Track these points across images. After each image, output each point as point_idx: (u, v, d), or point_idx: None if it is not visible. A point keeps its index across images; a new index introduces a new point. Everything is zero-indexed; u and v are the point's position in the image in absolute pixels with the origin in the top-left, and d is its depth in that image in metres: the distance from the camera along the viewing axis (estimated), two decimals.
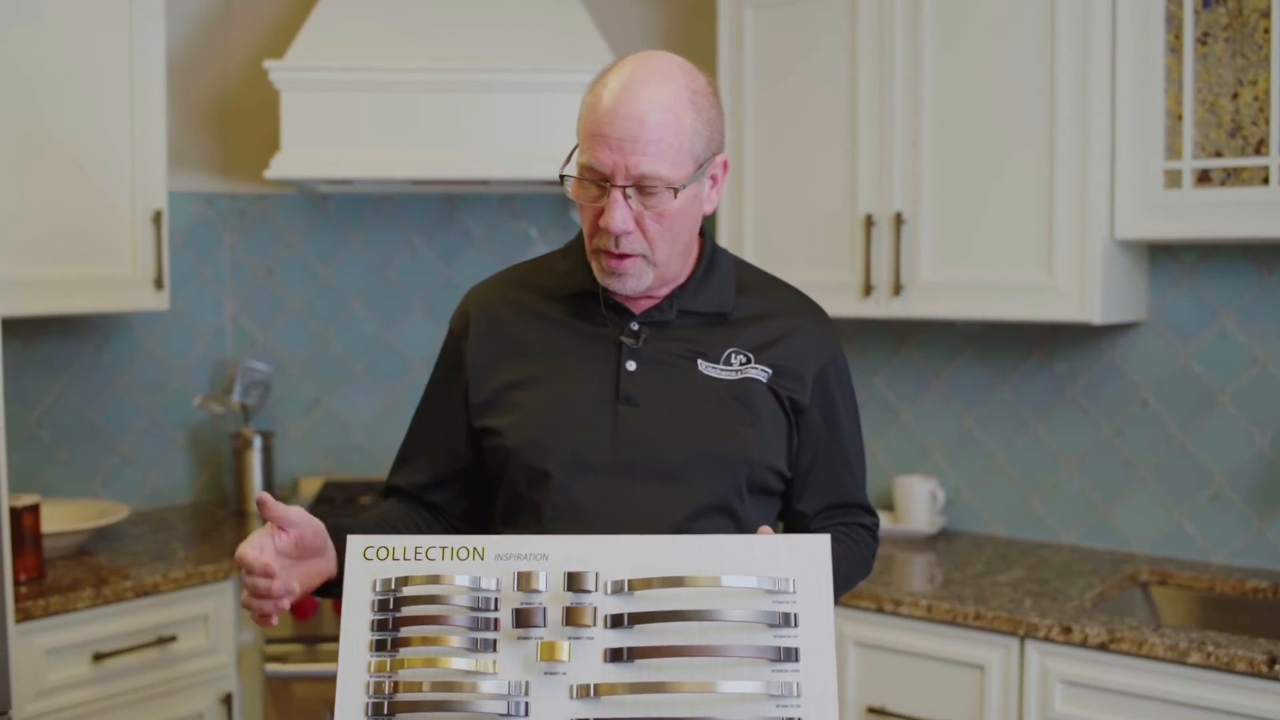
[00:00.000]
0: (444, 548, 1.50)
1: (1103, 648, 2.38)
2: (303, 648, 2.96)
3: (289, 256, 3.67)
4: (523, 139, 3.14)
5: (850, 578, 1.77)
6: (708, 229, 1.80)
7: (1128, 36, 2.65)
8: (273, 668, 2.93)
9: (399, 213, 3.67)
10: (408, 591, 1.48)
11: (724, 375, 1.71)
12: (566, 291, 1.76)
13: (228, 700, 2.93)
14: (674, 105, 1.60)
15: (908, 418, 3.32)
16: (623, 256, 1.63)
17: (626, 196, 1.60)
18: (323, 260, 3.68)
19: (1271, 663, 2.21)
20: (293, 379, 3.69)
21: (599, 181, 1.61)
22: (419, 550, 1.50)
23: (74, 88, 2.92)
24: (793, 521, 1.81)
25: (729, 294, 1.76)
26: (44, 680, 2.61)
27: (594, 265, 1.68)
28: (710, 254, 1.77)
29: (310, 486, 3.62)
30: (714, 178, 1.70)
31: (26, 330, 3.21)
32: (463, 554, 1.50)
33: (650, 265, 1.66)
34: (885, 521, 3.19)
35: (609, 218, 1.60)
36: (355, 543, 1.51)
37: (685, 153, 1.61)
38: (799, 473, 1.78)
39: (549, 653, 1.43)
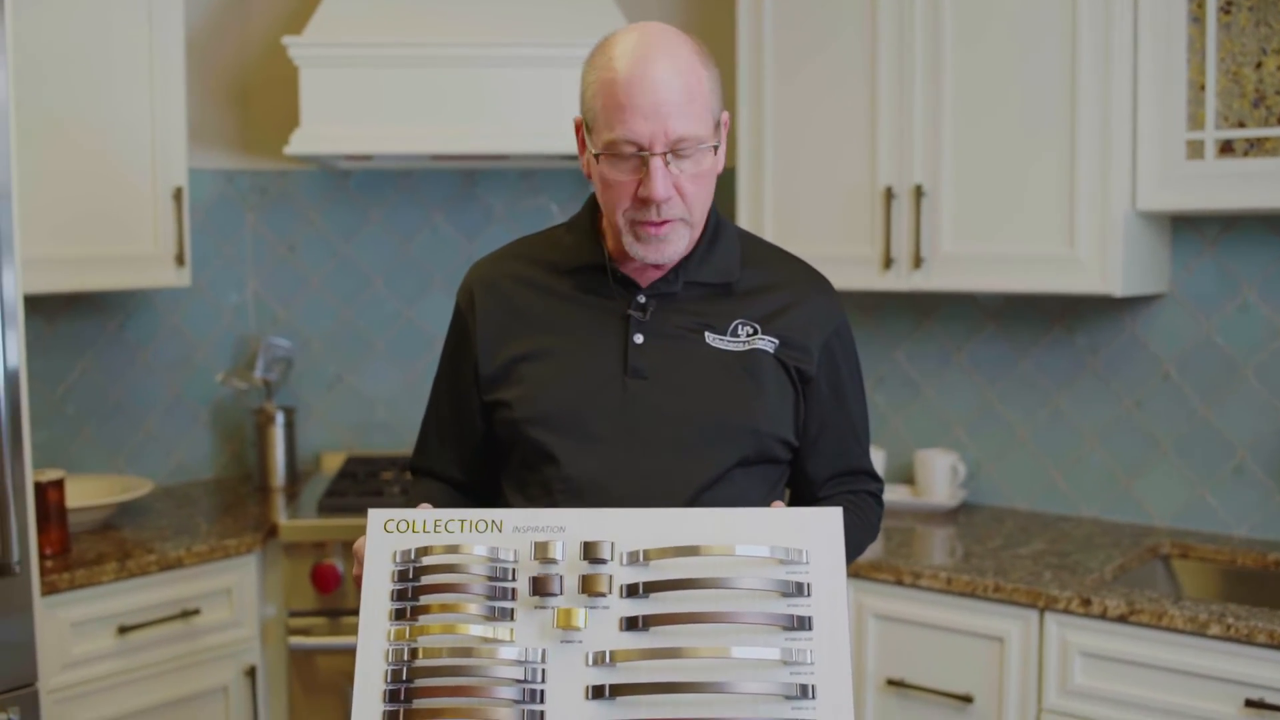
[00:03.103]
0: (463, 520, 1.51)
1: (1122, 620, 2.38)
2: (326, 621, 2.98)
3: (310, 233, 3.69)
4: (543, 114, 3.14)
5: (860, 544, 1.80)
6: (714, 202, 1.80)
7: (1150, 5, 2.63)
8: (296, 640, 2.96)
9: (419, 188, 3.67)
10: (427, 561, 1.49)
11: (731, 347, 1.72)
12: (573, 265, 1.76)
13: (251, 673, 2.96)
14: (691, 66, 1.62)
15: (929, 391, 3.31)
16: (663, 222, 1.64)
17: (666, 163, 1.60)
18: (344, 237, 3.69)
19: None
20: (315, 355, 3.71)
21: (635, 153, 1.60)
22: (438, 523, 1.52)
23: (93, 65, 2.93)
24: (800, 489, 1.82)
25: (734, 264, 1.76)
26: (69, 653, 2.64)
27: (628, 238, 1.66)
28: (714, 225, 1.77)
29: (333, 462, 3.64)
30: (720, 136, 1.72)
31: (50, 307, 3.24)
32: (481, 526, 1.51)
33: (688, 227, 1.67)
34: (906, 495, 3.18)
35: (653, 187, 1.59)
36: (376, 516, 1.53)
37: (710, 110, 1.64)
38: (806, 442, 1.79)
39: (565, 620, 1.44)
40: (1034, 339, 3.14)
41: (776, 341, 1.73)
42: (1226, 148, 2.59)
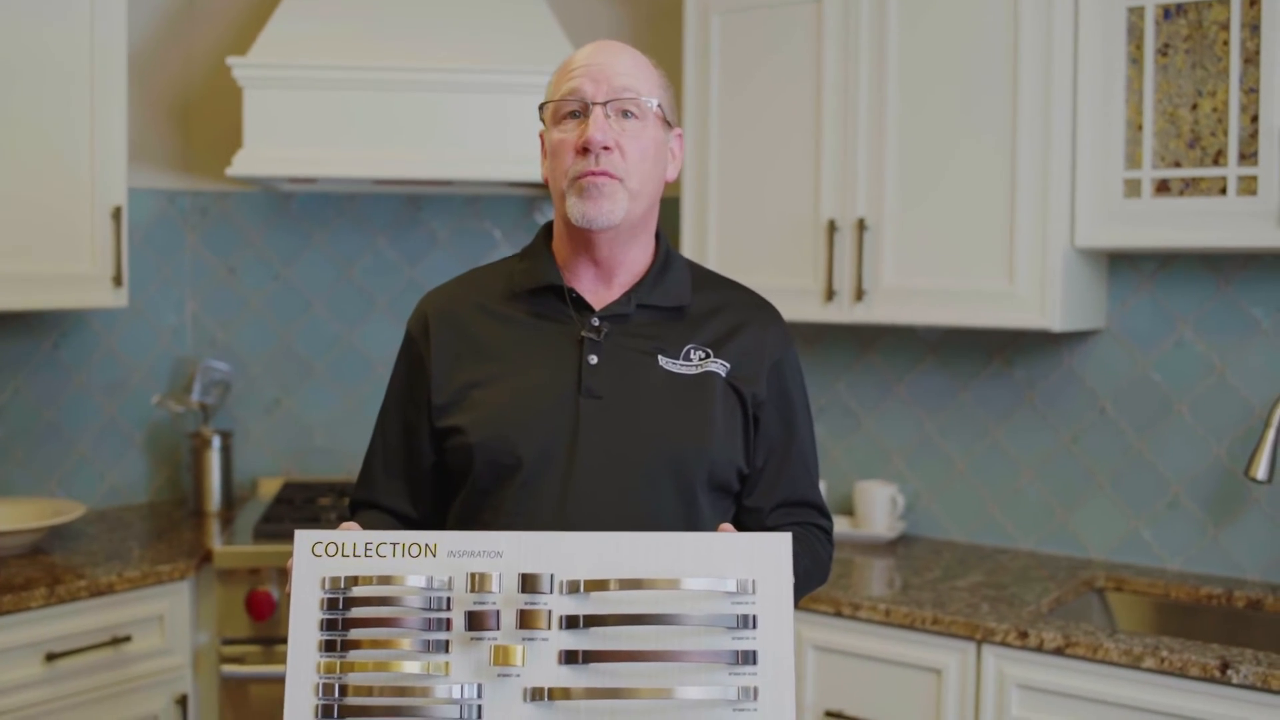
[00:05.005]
0: (395, 544, 1.48)
1: (1058, 652, 2.39)
2: (259, 649, 2.94)
3: (250, 255, 3.65)
4: (488, 140, 3.13)
5: (808, 575, 1.77)
6: (663, 231, 1.83)
7: (1089, 47, 2.67)
8: (229, 669, 2.91)
9: (362, 212, 3.65)
10: (358, 592, 1.46)
11: (684, 370, 1.73)
12: (527, 287, 1.77)
13: (183, 702, 2.91)
14: (640, 57, 1.76)
15: (869, 423, 3.33)
16: (602, 173, 1.67)
17: (607, 116, 1.68)
18: (285, 259, 3.65)
19: (1224, 668, 2.22)
20: (253, 379, 3.66)
21: (579, 110, 1.70)
22: (369, 546, 1.48)
23: (33, 80, 2.89)
24: (746, 518, 1.80)
25: (685, 288, 1.79)
26: None
27: (571, 200, 1.69)
28: (665, 252, 1.81)
29: (269, 487, 3.60)
30: (673, 151, 1.80)
31: None
32: (414, 550, 1.48)
33: (627, 193, 1.69)
34: (845, 526, 3.19)
35: (592, 130, 1.67)
36: (304, 538, 1.49)
37: (655, 87, 1.74)
38: (753, 469, 1.79)
39: (502, 657, 1.42)
40: (973, 372, 3.17)
41: (728, 365, 1.74)
42: (1163, 187, 2.63)
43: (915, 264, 2.88)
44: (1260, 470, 2.58)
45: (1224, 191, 2.55)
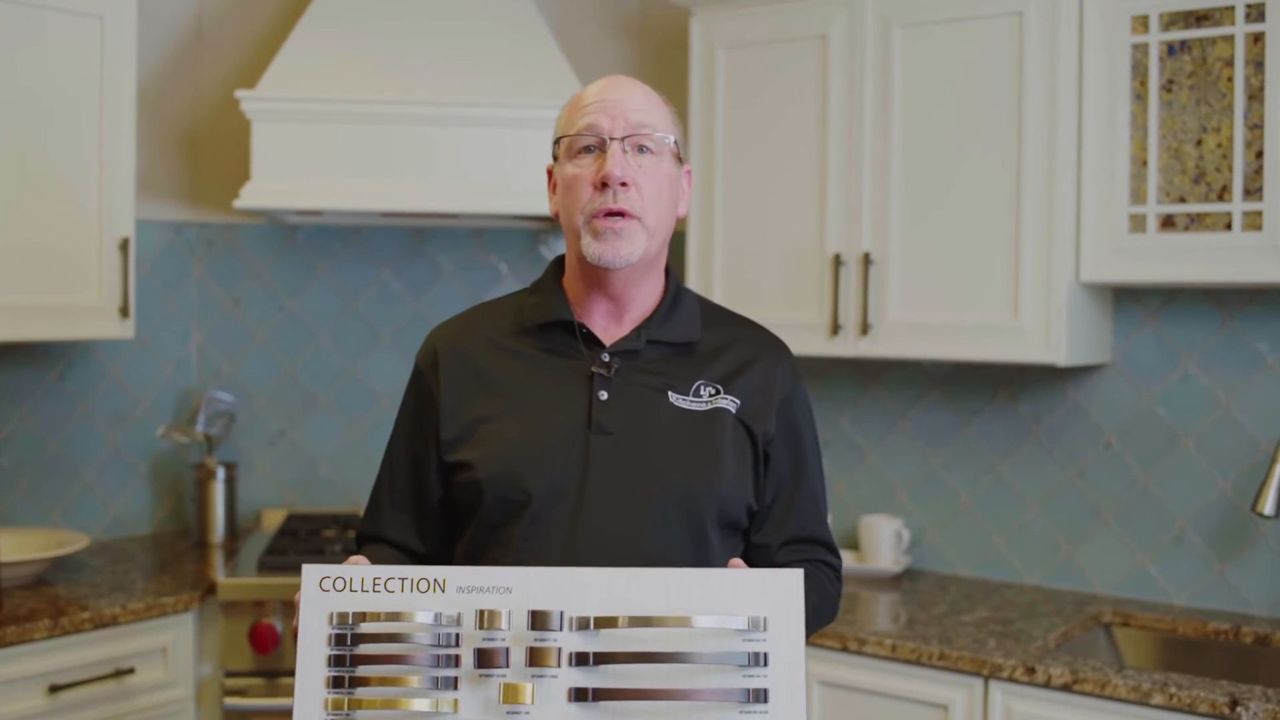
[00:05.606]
0: (403, 579, 1.48)
1: (1066, 688, 2.38)
2: (263, 682, 2.92)
3: (256, 287, 3.66)
4: (493, 173, 3.14)
5: (816, 612, 1.75)
6: (672, 267, 1.83)
7: (1094, 83, 2.68)
8: (232, 701, 2.89)
9: (368, 245, 3.66)
10: (366, 628, 1.45)
11: (694, 407, 1.72)
12: (537, 323, 1.77)
13: None
14: (652, 93, 1.77)
15: (874, 457, 3.32)
16: (621, 213, 1.68)
17: (624, 152, 1.68)
18: (290, 291, 3.66)
19: (1233, 704, 2.21)
20: (258, 410, 3.66)
21: (595, 145, 1.70)
22: (377, 581, 1.47)
23: (42, 112, 2.90)
24: (754, 555, 1.80)
25: (695, 324, 1.79)
26: None
27: (586, 239, 1.69)
28: (675, 288, 1.81)
29: (273, 519, 3.59)
30: (683, 187, 1.81)
31: None
32: (423, 586, 1.47)
33: (645, 231, 1.70)
34: (850, 561, 3.18)
35: (610, 166, 1.67)
36: (311, 572, 1.48)
37: (670, 122, 1.75)
38: (762, 505, 1.78)
39: (512, 696, 1.41)
40: (978, 407, 3.17)
41: (738, 402, 1.74)
42: (1168, 222, 2.64)
43: (920, 298, 2.89)
44: (1267, 505, 2.58)
45: (1229, 227, 2.56)
